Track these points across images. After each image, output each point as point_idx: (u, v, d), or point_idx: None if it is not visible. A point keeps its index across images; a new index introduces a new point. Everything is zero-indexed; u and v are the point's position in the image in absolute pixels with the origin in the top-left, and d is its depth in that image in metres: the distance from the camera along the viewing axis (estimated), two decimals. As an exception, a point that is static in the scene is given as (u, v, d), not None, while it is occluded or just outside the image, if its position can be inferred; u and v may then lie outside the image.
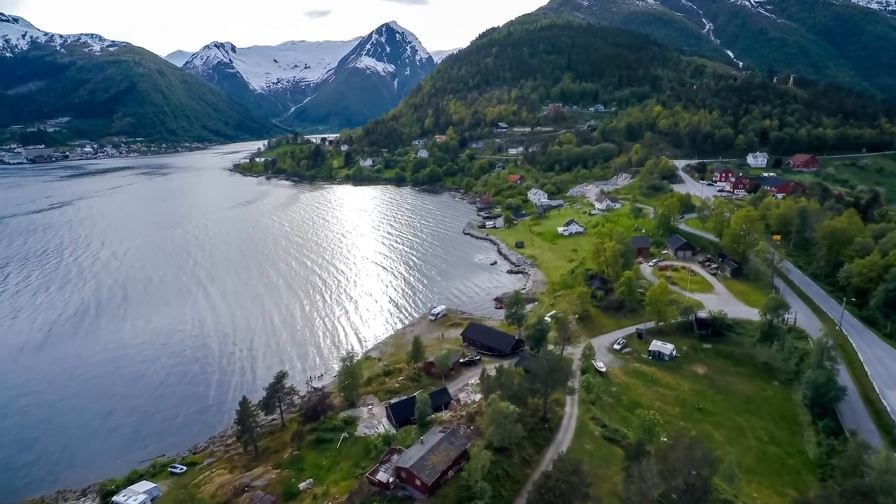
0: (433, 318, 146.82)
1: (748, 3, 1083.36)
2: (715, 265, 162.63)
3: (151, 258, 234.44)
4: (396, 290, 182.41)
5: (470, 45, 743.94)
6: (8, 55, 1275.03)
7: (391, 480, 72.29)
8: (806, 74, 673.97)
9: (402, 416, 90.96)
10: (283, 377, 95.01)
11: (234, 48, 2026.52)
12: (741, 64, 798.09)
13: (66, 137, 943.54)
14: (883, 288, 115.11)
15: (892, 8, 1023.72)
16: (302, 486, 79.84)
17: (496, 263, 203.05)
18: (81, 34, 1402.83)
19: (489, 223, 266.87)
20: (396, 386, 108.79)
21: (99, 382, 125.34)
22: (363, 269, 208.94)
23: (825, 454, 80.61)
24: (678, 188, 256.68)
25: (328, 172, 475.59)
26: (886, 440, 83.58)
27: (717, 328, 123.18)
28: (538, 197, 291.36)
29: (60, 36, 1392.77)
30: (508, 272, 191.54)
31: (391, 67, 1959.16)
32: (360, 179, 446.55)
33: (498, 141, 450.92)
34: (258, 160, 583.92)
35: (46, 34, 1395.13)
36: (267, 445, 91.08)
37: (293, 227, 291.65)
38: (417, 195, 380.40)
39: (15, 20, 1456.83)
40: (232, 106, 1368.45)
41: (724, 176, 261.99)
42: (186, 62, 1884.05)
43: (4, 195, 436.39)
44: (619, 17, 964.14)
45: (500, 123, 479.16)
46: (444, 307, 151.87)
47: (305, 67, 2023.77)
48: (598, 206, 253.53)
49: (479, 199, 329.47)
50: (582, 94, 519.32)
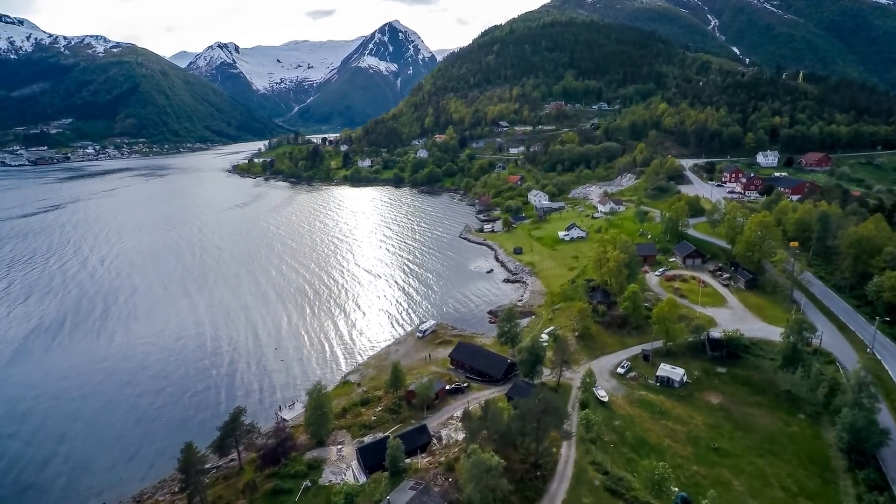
0: (421, 334, 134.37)
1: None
2: (727, 275, 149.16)
3: (138, 264, 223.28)
4: (386, 301, 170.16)
5: (472, 43, 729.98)
6: (12, 57, 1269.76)
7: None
8: (814, 70, 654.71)
9: (372, 460, 78.65)
10: (239, 414, 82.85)
11: (237, 48, 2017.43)
12: (748, 60, 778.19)
13: (68, 139, 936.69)
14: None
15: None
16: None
17: (492, 271, 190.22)
18: (86, 36, 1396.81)
19: (487, 227, 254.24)
20: (373, 419, 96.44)
21: (59, 408, 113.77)
22: (354, 277, 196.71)
23: (868, 513, 67.77)
24: (685, 189, 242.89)
25: (326, 173, 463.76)
26: (940, 495, 70.57)
27: (732, 349, 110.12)
28: (539, 199, 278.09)
29: (65, 37, 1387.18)
30: (505, 281, 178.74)
31: (394, 67, 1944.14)
32: (357, 180, 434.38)
33: (499, 140, 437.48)
34: (256, 161, 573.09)
35: (51, 36, 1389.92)
36: (219, 495, 78.97)
37: (286, 230, 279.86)
38: (416, 196, 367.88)
39: (20, 22, 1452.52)
40: (235, 106, 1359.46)
41: (734, 176, 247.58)
42: (190, 63, 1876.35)
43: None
44: (622, 13, 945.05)
45: (500, 122, 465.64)
46: (433, 322, 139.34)
47: (308, 67, 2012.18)
48: (601, 208, 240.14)
49: (477, 200, 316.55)
50: (585, 91, 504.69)
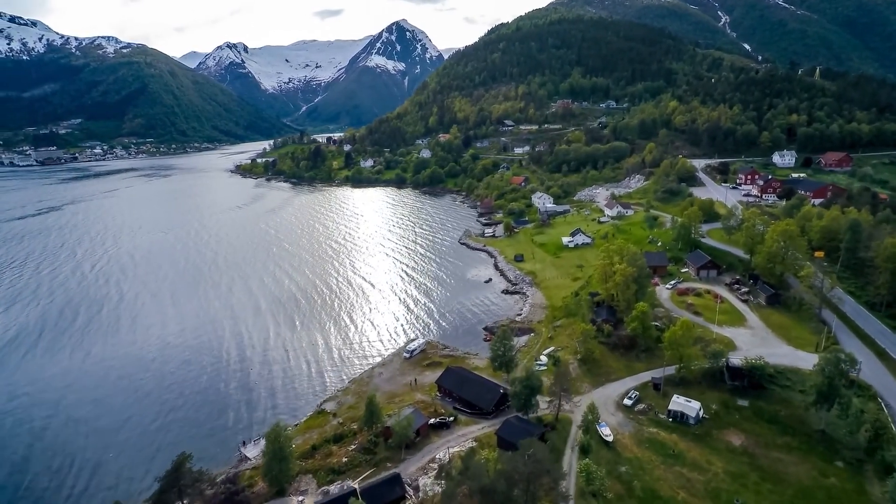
0: (408, 355, 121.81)
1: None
2: (745, 289, 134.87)
3: (129, 270, 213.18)
4: (377, 313, 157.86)
5: (477, 41, 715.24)
6: (25, 58, 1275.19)
7: None
8: (828, 67, 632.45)
9: (334, 521, 66.43)
10: (183, 462, 71.05)
11: (246, 48, 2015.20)
12: (760, 57, 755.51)
13: (77, 139, 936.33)
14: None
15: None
16: None
17: (491, 281, 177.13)
18: (98, 37, 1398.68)
19: (488, 231, 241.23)
20: (344, 460, 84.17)
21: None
22: (347, 285, 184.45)
23: None
24: (698, 192, 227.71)
25: (327, 174, 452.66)
26: None
27: (755, 379, 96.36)
28: (543, 201, 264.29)
29: (76, 38, 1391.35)
30: (504, 292, 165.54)
31: (401, 66, 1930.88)
32: (359, 181, 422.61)
33: (503, 140, 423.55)
34: (259, 161, 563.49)
35: (63, 37, 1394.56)
36: (156, 559, 67.20)
37: (282, 233, 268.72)
38: (417, 198, 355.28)
39: (34, 24, 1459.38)
40: (242, 106, 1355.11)
41: (750, 178, 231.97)
42: (200, 63, 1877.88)
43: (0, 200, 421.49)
44: (631, 11, 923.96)
45: (506, 121, 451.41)
46: (422, 341, 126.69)
47: (316, 67, 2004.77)
48: (608, 212, 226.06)
49: (479, 203, 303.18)
50: (592, 89, 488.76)
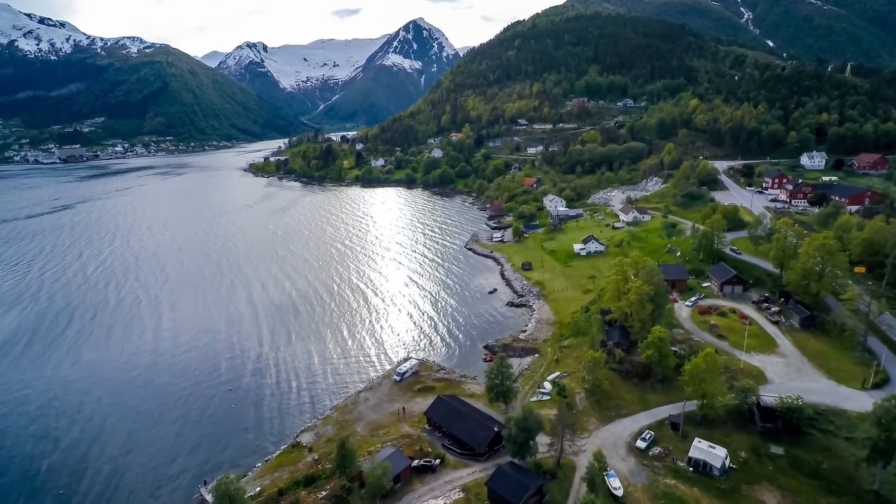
0: (398, 377, 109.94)
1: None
2: (776, 309, 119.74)
3: (121, 273, 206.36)
4: (372, 325, 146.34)
5: (493, 38, 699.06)
6: (53, 58, 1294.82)
7: None
8: (857, 64, 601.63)
9: None
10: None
11: (265, 48, 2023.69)
12: (785, 54, 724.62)
13: (100, 137, 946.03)
14: None
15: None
16: None
17: (496, 291, 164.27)
18: (123, 37, 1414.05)
19: (497, 235, 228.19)
20: (311, 512, 72.77)
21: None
22: (345, 293, 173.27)
23: None
24: (720, 197, 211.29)
25: (337, 173, 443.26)
26: None
27: (791, 421, 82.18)
28: (555, 204, 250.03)
29: (101, 39, 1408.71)
30: (509, 305, 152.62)
31: (418, 64, 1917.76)
32: (369, 181, 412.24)
33: (516, 139, 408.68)
34: (271, 160, 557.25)
35: (89, 37, 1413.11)
36: None
37: (286, 236, 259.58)
38: (427, 199, 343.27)
39: (62, 25, 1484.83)
40: (261, 104, 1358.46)
41: (777, 182, 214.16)
42: (220, 62, 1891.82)
43: (16, 197, 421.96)
44: (651, 7, 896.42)
45: (519, 120, 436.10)
46: (414, 363, 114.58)
47: (334, 66, 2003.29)
48: (623, 217, 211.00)
49: (489, 205, 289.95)
50: (609, 87, 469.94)
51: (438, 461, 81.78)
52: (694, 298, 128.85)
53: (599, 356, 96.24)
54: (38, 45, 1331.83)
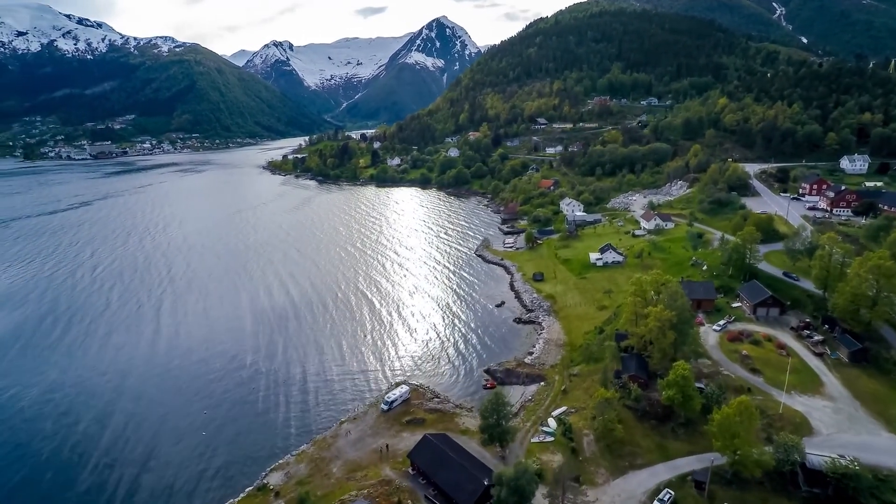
0: (386, 407, 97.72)
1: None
2: (819, 338, 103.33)
3: (127, 274, 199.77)
4: (369, 340, 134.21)
5: (514, 35, 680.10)
6: (89, 57, 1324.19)
7: None
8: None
9: None
10: None
11: (291, 46, 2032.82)
12: (820, 51, 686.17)
13: (130, 134, 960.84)
14: None
15: None
16: None
17: (503, 305, 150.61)
18: (155, 37, 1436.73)
19: (509, 240, 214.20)
20: (263, 583, 61.09)
21: None
22: (345, 303, 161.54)
23: None
24: (751, 203, 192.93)
25: (353, 172, 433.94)
26: None
27: (845, 489, 66.99)
28: (572, 209, 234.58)
29: (135, 38, 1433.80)
30: (516, 321, 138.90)
31: (440, 62, 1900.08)
32: (383, 180, 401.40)
33: (535, 139, 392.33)
34: (290, 158, 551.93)
35: (123, 37, 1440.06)
36: None
37: (294, 238, 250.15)
38: (441, 200, 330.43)
39: (99, 25, 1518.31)
40: (285, 102, 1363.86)
41: (816, 187, 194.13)
42: (248, 61, 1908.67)
43: (41, 193, 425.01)
44: (678, 3, 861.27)
45: (538, 119, 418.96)
46: (405, 389, 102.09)
47: (358, 64, 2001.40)
48: (644, 224, 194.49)
49: (503, 207, 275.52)
50: (633, 85, 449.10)
51: (417, 521, 69.36)
52: (723, 322, 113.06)
53: (612, 395, 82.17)
54: (75, 44, 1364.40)
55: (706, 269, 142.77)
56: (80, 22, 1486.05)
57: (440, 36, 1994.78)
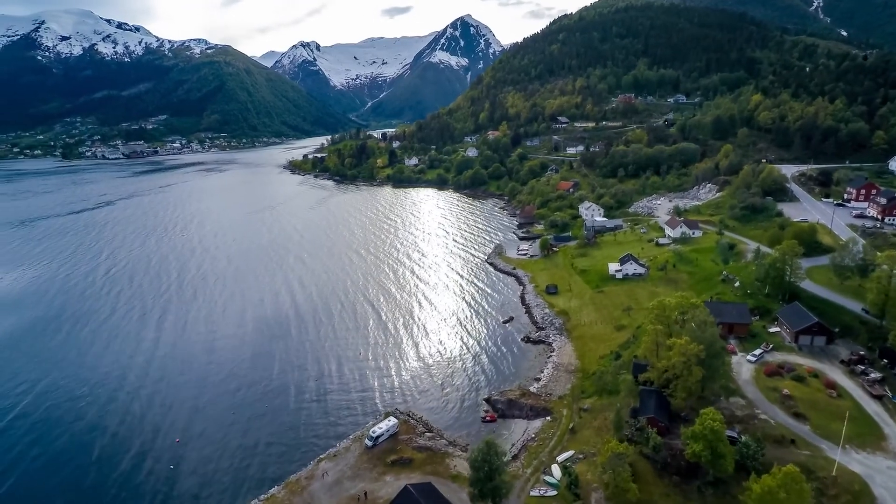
0: (370, 442, 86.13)
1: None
2: (877, 375, 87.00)
3: (136, 278, 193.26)
4: (366, 360, 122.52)
5: (538, 32, 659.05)
6: (126, 60, 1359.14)
7: None
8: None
9: None
10: None
11: (318, 47, 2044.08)
12: (863, 43, 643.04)
13: (162, 134, 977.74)
14: None
15: None
16: None
17: (511, 321, 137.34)
18: (189, 39, 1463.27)
19: (523, 247, 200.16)
20: None
21: None
22: (348, 314, 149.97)
23: None
24: (789, 209, 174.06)
25: (369, 172, 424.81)
26: None
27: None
28: (591, 213, 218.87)
29: (169, 41, 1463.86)
30: (524, 340, 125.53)
31: (464, 61, 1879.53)
32: (400, 181, 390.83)
33: (556, 138, 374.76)
34: (309, 157, 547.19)
35: (159, 40, 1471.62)
36: None
37: (305, 239, 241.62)
38: (456, 202, 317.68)
39: (136, 29, 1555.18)
40: (311, 102, 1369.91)
41: (864, 193, 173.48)
42: (276, 61, 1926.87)
43: (69, 193, 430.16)
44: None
45: (559, 118, 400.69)
46: (392, 423, 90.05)
47: (383, 63, 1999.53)
48: (669, 231, 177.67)
49: (519, 211, 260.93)
50: (659, 81, 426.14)
51: None
52: (759, 352, 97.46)
53: (626, 450, 68.39)
54: (114, 48, 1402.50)
55: (738, 285, 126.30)
56: (119, 26, 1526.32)
57: (464, 35, 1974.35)
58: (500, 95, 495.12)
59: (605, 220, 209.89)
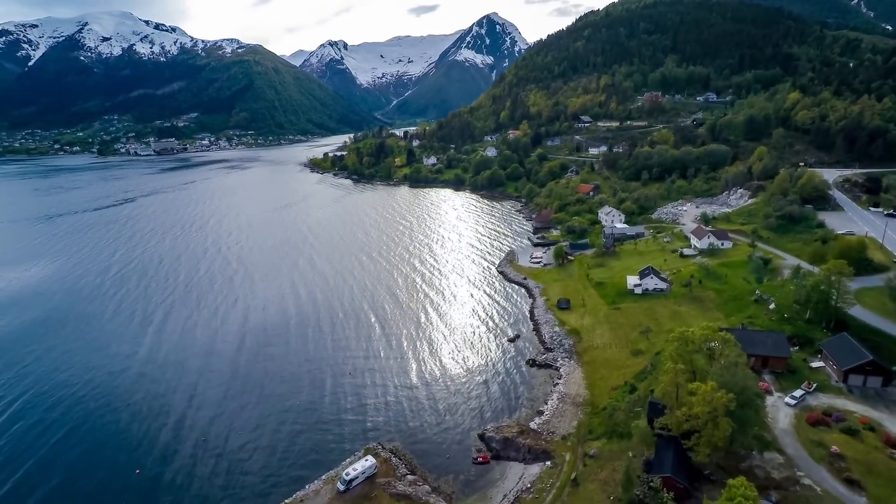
0: (343, 487, 75.02)
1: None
2: (948, 431, 70.99)
3: (143, 278, 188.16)
4: (352, 386, 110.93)
5: (562, 29, 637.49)
6: (162, 60, 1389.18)
7: None
8: None
9: None
10: None
11: (345, 45, 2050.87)
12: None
13: (192, 131, 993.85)
14: None
15: None
16: None
17: (517, 339, 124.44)
18: (221, 39, 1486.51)
19: (537, 254, 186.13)
20: None
21: None
22: (346, 326, 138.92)
23: None
24: (831, 220, 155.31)
25: (387, 171, 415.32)
26: None
27: None
28: (611, 219, 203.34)
29: (203, 41, 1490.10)
30: (529, 364, 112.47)
31: (490, 59, 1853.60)
32: (417, 180, 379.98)
33: (577, 138, 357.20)
34: (329, 156, 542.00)
35: (192, 40, 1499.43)
36: None
37: (317, 241, 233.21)
38: (473, 204, 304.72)
39: (172, 30, 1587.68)
40: (337, 100, 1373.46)
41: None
42: (304, 60, 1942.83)
43: (96, 189, 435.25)
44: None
45: (582, 117, 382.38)
46: (369, 463, 78.48)
47: (409, 62, 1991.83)
48: (695, 242, 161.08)
49: (535, 214, 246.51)
50: (688, 79, 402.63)
51: None
52: (800, 393, 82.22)
53: (634, 528, 55.37)
54: (151, 48, 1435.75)
55: (774, 307, 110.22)
56: (156, 27, 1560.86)
57: (490, 33, 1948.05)
58: (521, 94, 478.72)
59: (625, 226, 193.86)
